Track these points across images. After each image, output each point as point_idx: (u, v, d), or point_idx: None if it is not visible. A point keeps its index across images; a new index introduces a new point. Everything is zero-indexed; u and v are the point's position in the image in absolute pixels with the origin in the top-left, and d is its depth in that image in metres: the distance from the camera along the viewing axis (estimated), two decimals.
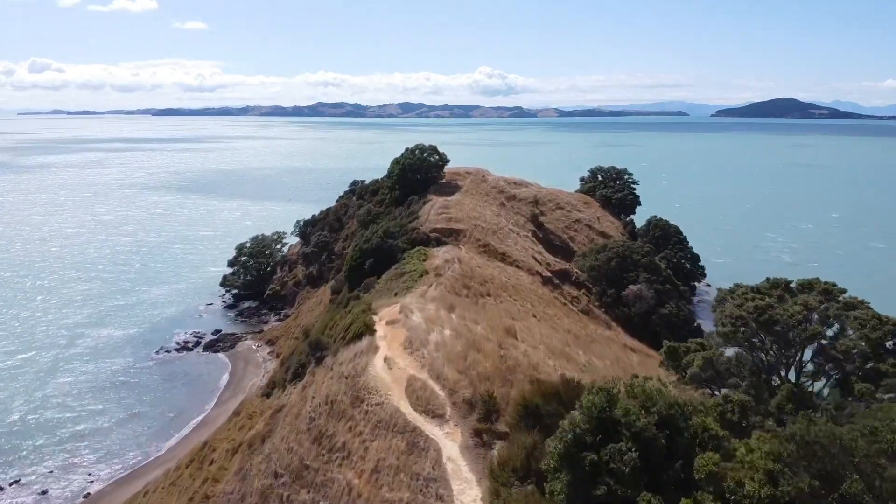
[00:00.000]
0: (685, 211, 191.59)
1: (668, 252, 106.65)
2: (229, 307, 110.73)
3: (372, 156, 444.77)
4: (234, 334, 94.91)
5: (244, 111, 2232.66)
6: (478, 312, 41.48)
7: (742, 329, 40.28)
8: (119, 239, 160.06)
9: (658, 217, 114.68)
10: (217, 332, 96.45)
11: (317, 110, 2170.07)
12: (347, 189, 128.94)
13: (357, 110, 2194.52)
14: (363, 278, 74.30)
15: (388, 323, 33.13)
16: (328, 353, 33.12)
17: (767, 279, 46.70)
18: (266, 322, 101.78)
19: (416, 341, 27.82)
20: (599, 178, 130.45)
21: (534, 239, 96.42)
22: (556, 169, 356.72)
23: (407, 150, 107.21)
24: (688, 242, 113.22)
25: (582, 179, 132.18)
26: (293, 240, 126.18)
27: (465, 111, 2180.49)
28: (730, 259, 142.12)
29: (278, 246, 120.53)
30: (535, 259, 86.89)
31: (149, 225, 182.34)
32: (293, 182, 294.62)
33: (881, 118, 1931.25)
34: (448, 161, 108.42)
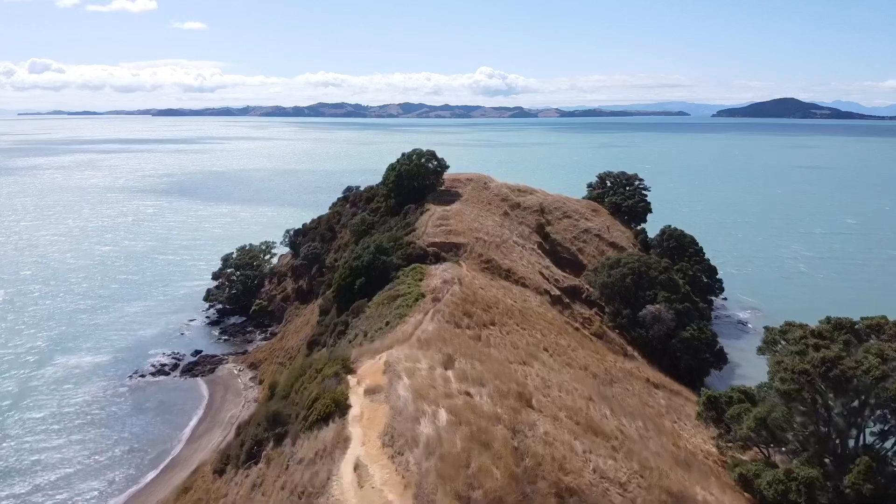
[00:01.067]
0: (693, 216, 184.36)
1: (684, 265, 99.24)
2: (213, 323, 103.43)
3: (368, 157, 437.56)
4: (216, 356, 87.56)
5: (244, 111, 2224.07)
6: (483, 360, 34.04)
7: (807, 387, 32.81)
8: (99, 249, 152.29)
9: (672, 226, 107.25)
10: (197, 352, 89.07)
11: (317, 111, 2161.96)
12: (341, 195, 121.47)
13: (358, 111, 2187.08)
14: (353, 299, 66.99)
15: (367, 392, 25.76)
16: (289, 431, 25.88)
17: (828, 319, 39.22)
18: (251, 341, 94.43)
19: (401, 435, 20.50)
20: (608, 183, 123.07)
21: (540, 252, 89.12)
22: (560, 171, 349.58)
23: (403, 155, 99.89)
24: (704, 254, 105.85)
25: (590, 185, 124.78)
26: (283, 249, 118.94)
27: (465, 111, 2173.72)
28: (745, 270, 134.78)
29: (266, 257, 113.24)
30: (543, 275, 79.54)
31: (132, 232, 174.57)
32: (286, 185, 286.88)
33: (883, 118, 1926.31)
34: (447, 167, 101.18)
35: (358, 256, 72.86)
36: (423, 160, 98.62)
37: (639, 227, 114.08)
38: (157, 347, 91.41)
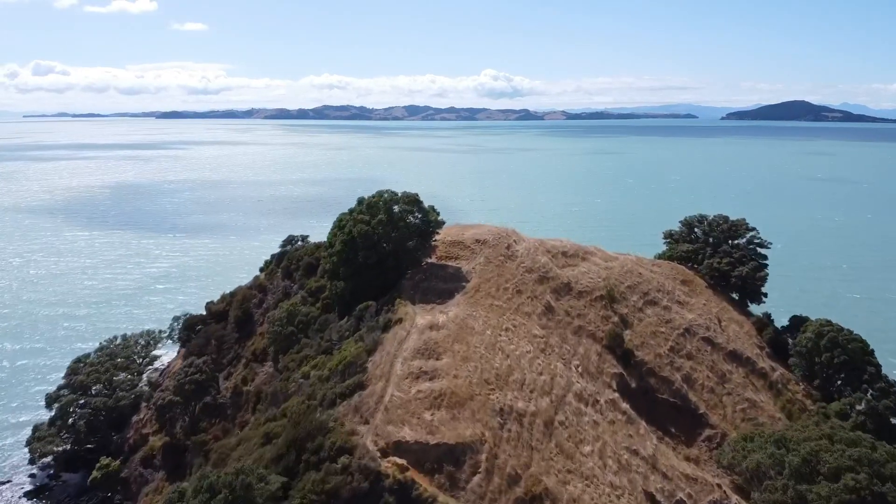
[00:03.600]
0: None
1: (872, 401, 54.63)
2: (35, 492, 59.15)
3: (341, 166, 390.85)
4: None
5: (249, 114, 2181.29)
6: None
7: None
8: None
9: (826, 322, 62.54)
10: None
11: (322, 113, 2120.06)
12: (278, 252, 75.73)
13: (363, 113, 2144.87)
14: None
15: None
16: None
17: None
18: None
19: None
20: (697, 232, 78.07)
21: (625, 411, 44.13)
22: (585, 180, 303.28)
23: (360, 203, 55.02)
24: (881, 371, 60.86)
25: (670, 236, 79.52)
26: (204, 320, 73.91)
27: (471, 114, 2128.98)
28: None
29: (142, 360, 68.68)
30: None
31: None
32: (242, 203, 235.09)
33: (892, 121, 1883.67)
34: (440, 223, 56.07)
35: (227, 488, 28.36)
36: (396, 210, 53.70)
37: (762, 315, 69.10)
38: None
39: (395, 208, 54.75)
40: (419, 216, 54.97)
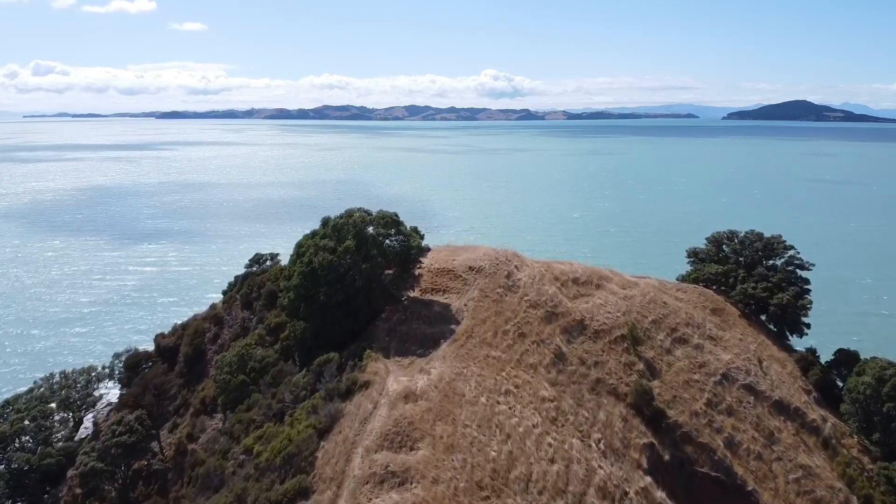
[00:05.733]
0: None
1: None
2: None
3: (329, 167, 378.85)
4: None
5: (249, 114, 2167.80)
6: None
7: None
8: None
9: (890, 365, 52.43)
10: None
11: (322, 113, 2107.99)
12: (242, 273, 65.36)
13: (363, 113, 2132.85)
14: None
15: None
16: None
17: None
18: None
19: None
20: (726, 250, 67.84)
21: None
22: (585, 183, 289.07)
23: (327, 223, 44.60)
24: None
25: (694, 255, 69.16)
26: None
27: (471, 114, 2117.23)
28: None
29: (83, 402, 58.43)
30: None
31: None
32: (222, 207, 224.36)
33: (893, 121, 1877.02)
34: (425, 249, 45.70)
35: None
36: (371, 233, 43.43)
37: (806, 351, 58.87)
38: None
39: (370, 230, 44.51)
40: (398, 238, 44.66)
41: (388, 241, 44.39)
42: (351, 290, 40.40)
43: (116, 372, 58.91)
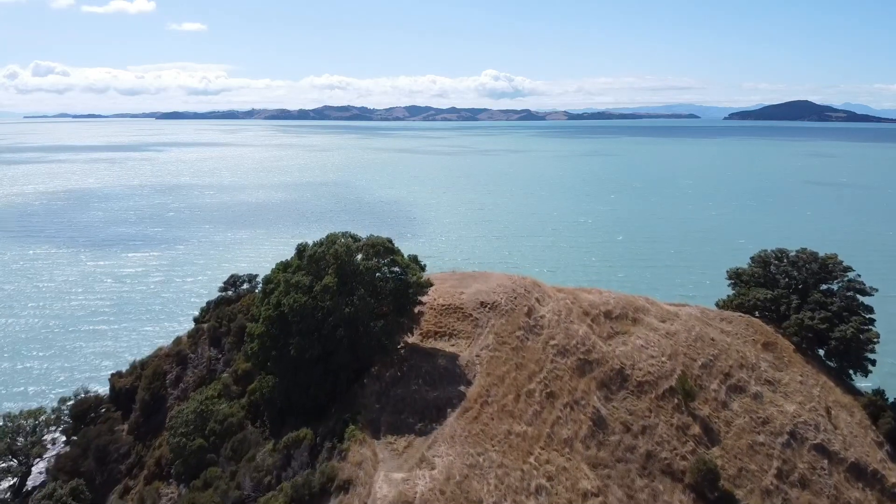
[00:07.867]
0: None
1: None
2: None
3: (322, 169, 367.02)
4: None
5: (249, 114, 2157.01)
6: None
7: None
8: None
9: None
10: None
11: (322, 113, 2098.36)
12: (214, 299, 56.30)
13: (364, 113, 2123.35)
14: None
15: None
16: None
17: None
18: None
19: None
20: (774, 271, 58.75)
21: None
22: (591, 185, 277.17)
23: (303, 253, 35.44)
24: None
25: (735, 276, 60.06)
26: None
27: (472, 114, 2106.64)
28: None
29: (31, 448, 49.27)
30: None
31: None
32: (206, 212, 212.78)
33: (894, 121, 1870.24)
34: (426, 285, 36.45)
35: None
36: (359, 260, 34.42)
37: (873, 393, 49.80)
38: None
39: (358, 258, 35.40)
40: (393, 270, 35.59)
41: (380, 273, 35.31)
42: (330, 342, 31.36)
43: (62, 419, 49.86)
